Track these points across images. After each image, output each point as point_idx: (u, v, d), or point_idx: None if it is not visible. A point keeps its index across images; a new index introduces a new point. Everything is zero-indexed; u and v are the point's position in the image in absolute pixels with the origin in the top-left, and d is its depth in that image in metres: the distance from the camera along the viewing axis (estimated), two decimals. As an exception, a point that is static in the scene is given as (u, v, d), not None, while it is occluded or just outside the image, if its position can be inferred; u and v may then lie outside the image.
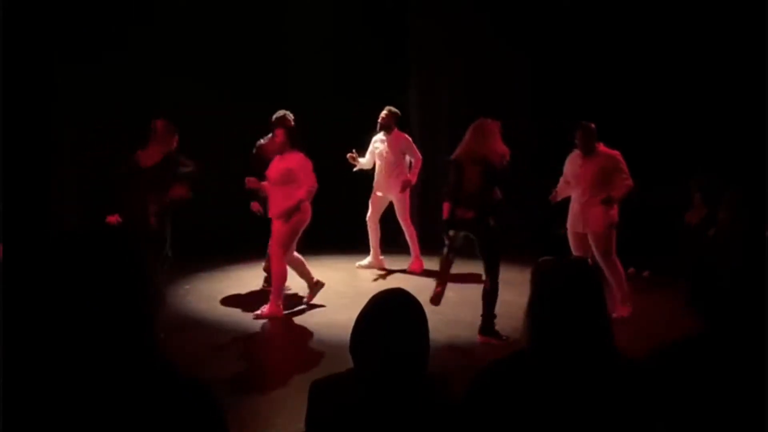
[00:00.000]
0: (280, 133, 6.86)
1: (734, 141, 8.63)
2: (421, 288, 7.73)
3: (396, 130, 8.58)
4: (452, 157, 6.36)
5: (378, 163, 8.64)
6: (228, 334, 6.49)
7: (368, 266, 8.91)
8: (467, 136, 6.35)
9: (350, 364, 2.24)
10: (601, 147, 6.87)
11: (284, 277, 6.83)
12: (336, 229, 8.65)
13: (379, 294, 2.28)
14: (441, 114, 10.37)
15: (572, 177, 6.97)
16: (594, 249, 6.82)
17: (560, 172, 7.28)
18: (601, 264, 6.76)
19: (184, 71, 9.57)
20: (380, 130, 8.65)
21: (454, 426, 2.19)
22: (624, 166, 6.82)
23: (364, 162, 8.69)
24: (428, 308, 2.31)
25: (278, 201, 6.70)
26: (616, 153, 6.86)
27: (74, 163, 9.27)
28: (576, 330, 2.18)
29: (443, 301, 7.52)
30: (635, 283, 8.43)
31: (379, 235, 8.83)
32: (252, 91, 9.52)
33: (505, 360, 2.26)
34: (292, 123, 7.49)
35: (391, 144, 8.53)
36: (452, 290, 8.01)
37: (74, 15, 8.85)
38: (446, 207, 6.28)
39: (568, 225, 7.08)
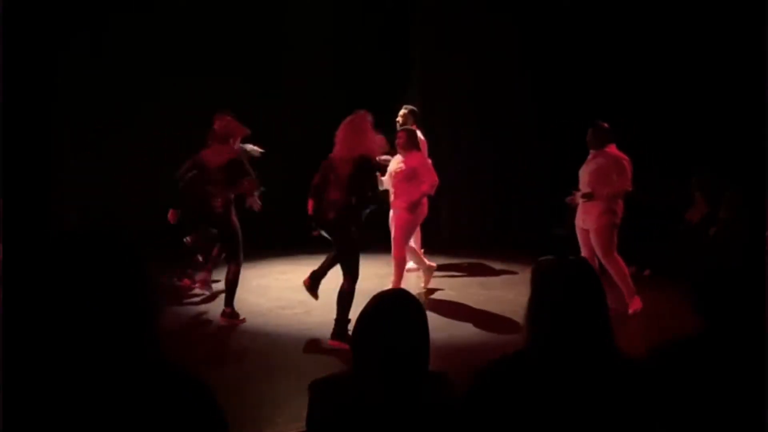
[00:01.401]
0: (402, 135, 7.49)
1: (734, 140, 8.63)
2: (420, 288, 7.76)
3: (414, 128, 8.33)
4: (330, 155, 6.16)
5: None
6: (227, 334, 6.50)
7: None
8: (341, 133, 6.12)
9: (351, 364, 2.25)
10: (612, 148, 6.85)
11: (405, 262, 7.66)
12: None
13: (380, 294, 2.28)
14: (442, 114, 10.39)
15: (580, 175, 6.99)
16: (594, 245, 6.84)
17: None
18: (602, 261, 6.81)
19: (184, 71, 9.59)
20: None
21: (455, 425, 2.19)
22: (628, 170, 6.78)
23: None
24: (428, 308, 2.31)
25: (403, 196, 7.37)
26: (624, 156, 6.83)
27: (74, 163, 9.28)
28: (576, 330, 2.18)
29: (443, 300, 7.54)
30: (636, 282, 8.43)
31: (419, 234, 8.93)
32: (251, 91, 9.52)
33: (505, 359, 2.26)
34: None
35: None
36: (453, 290, 8.04)
37: (75, 15, 8.86)
38: (311, 203, 6.17)
39: (576, 221, 7.08)
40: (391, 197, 7.54)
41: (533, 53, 9.99)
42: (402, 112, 8.36)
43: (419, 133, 8.26)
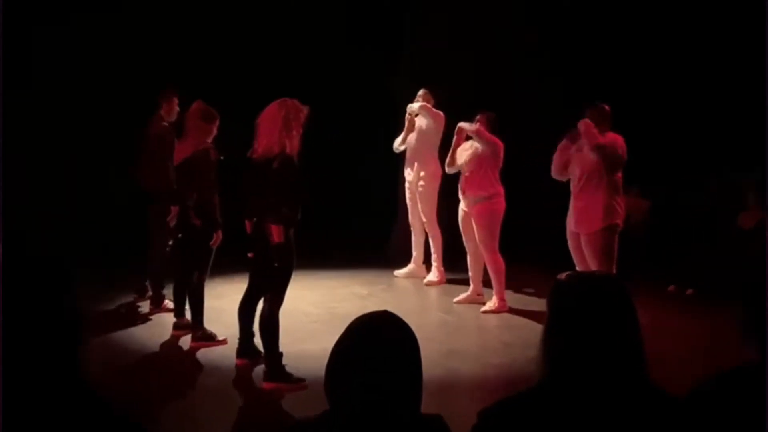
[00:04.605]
0: (482, 119, 8.18)
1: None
2: (412, 311, 7.76)
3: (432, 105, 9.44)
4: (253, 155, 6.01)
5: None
6: (181, 365, 6.53)
7: (408, 275, 9.67)
8: (265, 124, 5.95)
9: (325, 406, 2.24)
10: (611, 135, 6.77)
11: (503, 271, 8.06)
12: (310, 241, 8.72)
13: (361, 318, 2.26)
14: (439, 109, 10.66)
15: (570, 165, 6.89)
16: (588, 255, 6.50)
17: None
18: None
19: (178, 70, 9.92)
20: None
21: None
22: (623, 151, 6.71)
23: None
24: (422, 336, 2.30)
25: (478, 187, 8.22)
26: (620, 138, 6.75)
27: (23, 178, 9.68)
28: (601, 361, 2.18)
29: (440, 328, 7.54)
30: (676, 303, 8.46)
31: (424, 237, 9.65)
32: (245, 87, 9.87)
33: (514, 399, 2.26)
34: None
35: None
36: (451, 313, 8.05)
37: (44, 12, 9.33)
38: (248, 224, 6.20)
39: (567, 222, 6.95)
40: (464, 189, 8.21)
41: (533, 49, 10.51)
42: (421, 92, 9.45)
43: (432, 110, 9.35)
